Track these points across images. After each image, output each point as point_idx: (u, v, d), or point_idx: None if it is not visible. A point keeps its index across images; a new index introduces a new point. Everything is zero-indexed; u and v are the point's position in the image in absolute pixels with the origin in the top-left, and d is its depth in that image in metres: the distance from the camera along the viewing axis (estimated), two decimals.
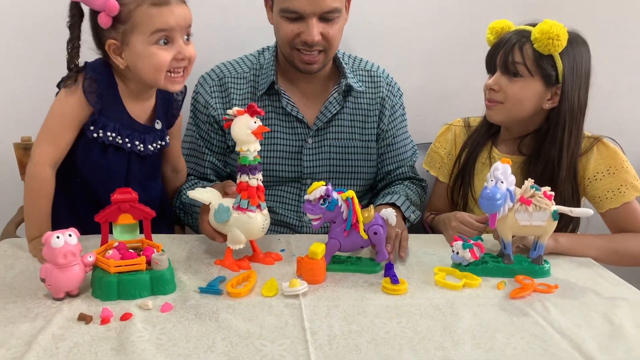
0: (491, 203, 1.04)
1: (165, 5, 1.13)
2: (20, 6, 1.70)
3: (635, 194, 1.31)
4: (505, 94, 1.32)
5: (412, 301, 0.99)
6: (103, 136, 1.19)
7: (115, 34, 1.14)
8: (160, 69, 1.14)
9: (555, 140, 1.32)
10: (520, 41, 1.29)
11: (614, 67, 1.94)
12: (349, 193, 1.07)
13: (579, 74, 1.30)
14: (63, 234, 0.93)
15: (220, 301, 0.97)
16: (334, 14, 1.31)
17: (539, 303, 1.00)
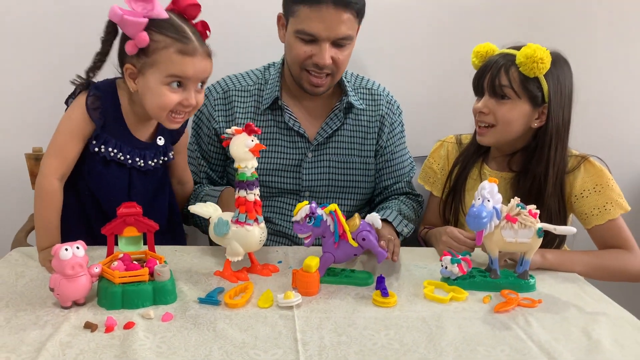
0: (477, 221, 1.09)
1: (190, 56, 1.18)
2: (35, 19, 1.77)
3: (620, 211, 1.35)
4: (494, 116, 1.37)
5: (400, 313, 1.04)
6: (104, 151, 1.25)
7: (136, 62, 1.19)
8: (165, 108, 1.20)
9: (542, 157, 1.37)
10: (506, 65, 1.34)
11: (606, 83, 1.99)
12: (332, 207, 1.13)
13: (563, 93, 1.35)
14: (71, 247, 0.99)
15: (218, 311, 1.02)
16: (345, 41, 1.38)
17: (521, 317, 1.05)
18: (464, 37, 1.93)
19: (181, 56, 1.17)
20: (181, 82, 1.19)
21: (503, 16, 1.93)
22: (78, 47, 1.73)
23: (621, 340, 0.98)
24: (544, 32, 1.94)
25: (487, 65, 1.38)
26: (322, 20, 1.34)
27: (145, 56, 1.18)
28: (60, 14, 1.77)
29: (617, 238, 1.35)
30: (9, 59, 1.79)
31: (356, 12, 1.38)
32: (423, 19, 1.92)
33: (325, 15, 1.33)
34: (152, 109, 1.22)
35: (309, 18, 1.34)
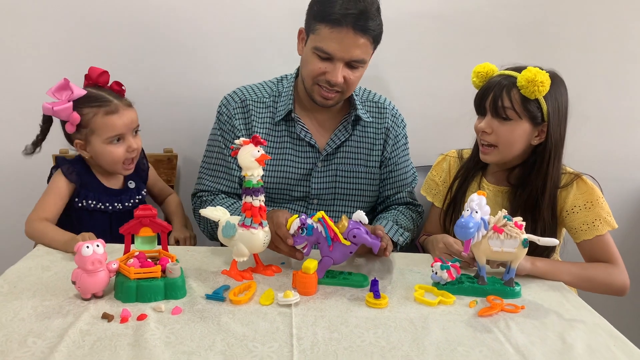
0: (464, 231, 1.17)
1: (116, 114, 1.46)
2: (52, 20, 1.88)
3: (608, 228, 1.42)
4: (497, 136, 1.43)
5: (390, 314, 1.13)
6: (86, 204, 1.52)
7: (80, 136, 1.48)
8: (117, 162, 1.50)
9: (541, 172, 1.44)
10: (508, 87, 1.40)
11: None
12: (319, 214, 1.22)
13: (560, 111, 1.42)
14: (92, 244, 1.10)
15: (223, 307, 1.12)
16: (359, 63, 1.47)
17: (503, 321, 1.12)
18: (467, 53, 2.01)
19: (109, 117, 1.46)
20: (119, 137, 1.48)
21: (505, 33, 2.01)
22: (100, 52, 1.87)
23: (594, 346, 1.05)
24: (544, 49, 2.02)
25: (489, 86, 1.44)
26: (340, 42, 1.42)
27: (84, 128, 1.46)
28: (78, 20, 1.89)
29: (604, 253, 1.42)
30: (38, 64, 1.91)
31: (372, 39, 1.45)
32: (429, 36, 2.00)
33: (344, 37, 1.41)
34: (107, 165, 1.52)
35: (328, 37, 1.42)
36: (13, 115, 1.94)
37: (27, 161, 1.92)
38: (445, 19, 1.99)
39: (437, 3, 1.97)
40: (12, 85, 1.93)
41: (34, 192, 1.88)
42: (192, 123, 1.98)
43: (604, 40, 2.03)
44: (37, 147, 1.53)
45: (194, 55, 1.96)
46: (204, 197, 1.61)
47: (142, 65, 1.91)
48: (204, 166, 1.65)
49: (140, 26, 1.91)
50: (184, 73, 1.96)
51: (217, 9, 1.92)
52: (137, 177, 1.64)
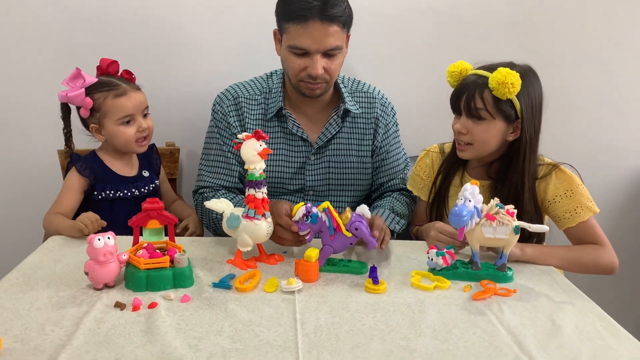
0: (458, 219, 1.22)
1: (125, 95, 1.57)
2: (54, 19, 1.92)
3: (590, 213, 1.47)
4: (472, 136, 1.47)
5: (388, 299, 1.18)
6: (105, 195, 1.62)
7: (94, 119, 1.60)
8: (129, 140, 1.61)
9: (518, 167, 1.47)
10: (480, 88, 1.42)
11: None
12: (324, 204, 1.27)
13: (533, 107, 1.45)
14: (103, 237, 1.15)
15: (230, 294, 1.17)
16: (335, 51, 1.50)
17: (496, 305, 1.18)
18: (457, 42, 2.05)
19: (119, 99, 1.57)
20: (129, 119, 1.59)
21: (495, 23, 2.04)
22: (97, 51, 1.90)
23: (581, 327, 1.11)
24: (537, 40, 2.06)
25: (463, 87, 1.47)
26: (311, 35, 1.45)
27: (97, 112, 1.58)
28: (80, 19, 1.93)
29: (589, 237, 1.47)
30: (41, 62, 1.95)
31: (342, 24, 1.48)
32: (418, 26, 2.04)
33: (313, 30, 1.44)
34: (121, 145, 1.62)
35: (298, 34, 1.46)
36: (19, 113, 1.98)
37: (33, 157, 1.99)
38: (440, 12, 2.02)
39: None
40: (15, 83, 1.97)
41: (41, 187, 1.96)
42: (193, 116, 2.02)
43: (595, 32, 2.07)
44: (70, 141, 1.66)
45: (194, 49, 2.00)
46: (206, 193, 1.65)
47: (143, 61, 1.94)
48: (204, 163, 1.70)
49: (141, 23, 1.95)
50: (185, 67, 2.00)
51: (216, 6, 1.96)
52: (151, 169, 1.74)
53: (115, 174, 1.65)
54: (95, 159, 1.65)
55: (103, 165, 1.65)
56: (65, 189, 1.63)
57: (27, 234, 1.84)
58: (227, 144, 1.65)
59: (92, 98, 1.56)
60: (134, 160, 1.72)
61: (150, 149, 1.75)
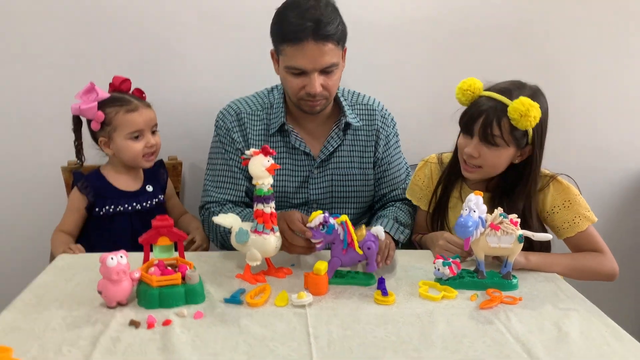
0: (464, 229, 1.25)
1: (136, 111, 1.62)
2: (56, 32, 1.94)
3: (588, 223, 1.50)
4: (483, 160, 1.47)
5: (397, 310, 1.20)
6: (105, 211, 1.64)
7: (104, 133, 1.63)
8: (136, 155, 1.64)
9: (523, 192, 1.49)
10: (499, 116, 1.41)
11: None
12: (343, 217, 1.29)
13: (542, 130, 1.47)
14: (116, 255, 1.16)
15: (242, 310, 1.19)
16: (332, 68, 1.51)
17: (503, 313, 1.20)
18: (456, 53, 2.09)
19: (130, 114, 1.61)
20: (137, 135, 1.62)
21: (494, 34, 2.08)
22: (100, 64, 1.93)
23: (587, 332, 1.13)
24: (532, 47, 2.09)
25: (479, 110, 1.44)
26: (306, 56, 1.46)
27: (108, 125, 1.61)
28: (82, 33, 1.95)
29: (589, 245, 1.50)
30: (45, 77, 1.96)
31: (337, 41, 1.49)
32: (418, 38, 2.07)
33: (308, 50, 1.46)
34: (129, 160, 1.65)
35: (294, 55, 1.48)
36: (26, 128, 2.00)
37: (37, 172, 1.99)
38: (436, 22, 2.06)
39: (428, 7, 2.04)
40: (22, 98, 1.99)
41: (46, 202, 1.97)
42: (195, 130, 2.04)
43: (589, 39, 2.11)
44: (80, 153, 1.71)
45: (194, 63, 2.02)
46: (212, 208, 1.66)
47: (144, 75, 1.95)
48: (209, 178, 1.71)
49: (144, 36, 1.97)
50: (185, 81, 2.02)
51: (217, 21, 1.98)
52: (156, 184, 1.76)
53: (117, 189, 1.68)
54: (97, 177, 1.69)
55: (105, 181, 1.68)
56: (68, 207, 1.68)
57: (33, 250, 1.86)
58: (232, 158, 1.66)
59: (104, 112, 1.60)
60: (139, 175, 1.75)
61: (157, 164, 1.77)
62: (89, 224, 1.69)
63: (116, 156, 1.67)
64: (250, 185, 1.65)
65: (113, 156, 1.67)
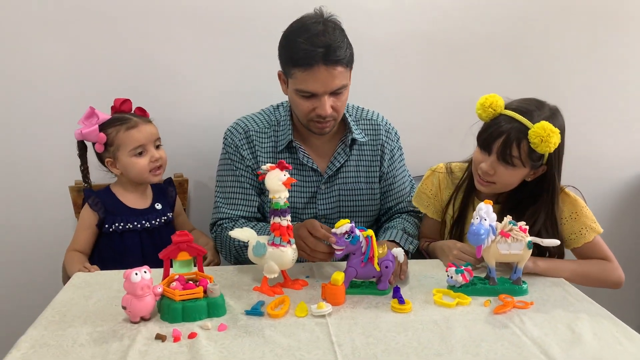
0: (476, 237, 1.29)
1: (135, 128, 1.65)
2: (64, 54, 1.97)
3: (594, 234, 1.54)
4: (498, 177, 1.50)
5: (415, 318, 1.24)
6: (115, 228, 1.66)
7: (108, 154, 1.66)
8: (143, 171, 1.66)
9: (547, 205, 1.52)
10: (519, 138, 1.43)
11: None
12: (369, 232, 1.32)
13: (560, 149, 1.47)
14: (140, 271, 1.18)
15: (263, 321, 1.21)
16: (341, 89, 1.55)
17: (517, 317, 1.24)
18: (452, 67, 2.15)
19: (130, 131, 1.64)
20: (141, 150, 1.65)
21: (488, 48, 2.16)
22: (105, 83, 1.96)
23: (599, 334, 1.18)
24: (526, 61, 2.17)
25: (500, 130, 1.46)
26: (317, 80, 1.49)
27: (111, 146, 1.65)
28: (103, 57, 1.99)
29: (595, 255, 1.55)
30: (53, 101, 1.99)
31: (346, 64, 1.52)
32: (415, 53, 2.14)
33: (318, 74, 1.48)
34: (136, 176, 1.67)
35: (304, 79, 1.50)
36: (33, 150, 2.02)
37: (45, 192, 2.00)
38: (433, 37, 2.13)
39: (425, 24, 2.11)
40: (28, 121, 2.01)
41: (53, 222, 1.97)
42: (201, 148, 2.07)
43: (582, 51, 2.20)
44: (87, 177, 1.73)
45: (198, 81, 2.06)
46: (224, 225, 1.68)
47: (150, 93, 2.00)
48: (220, 195, 1.73)
49: (147, 55, 2.01)
50: (191, 98, 2.06)
51: (219, 40, 2.02)
52: (165, 201, 1.79)
53: (127, 206, 1.70)
54: (108, 193, 1.71)
55: (115, 198, 1.70)
56: (79, 225, 1.70)
57: (43, 269, 1.86)
58: (243, 175, 1.69)
59: (106, 133, 1.64)
60: (148, 193, 1.77)
61: (165, 182, 1.79)
62: (100, 241, 1.70)
63: (124, 175, 1.69)
64: (260, 200, 1.69)
65: (121, 175, 1.70)
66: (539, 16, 2.15)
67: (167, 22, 2.00)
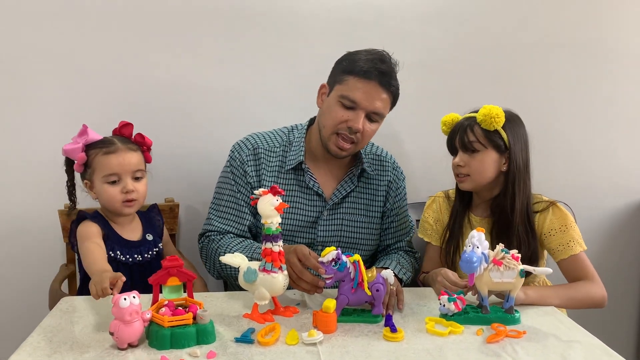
0: (469, 265, 1.29)
1: (114, 154, 1.56)
2: (61, 77, 1.98)
3: (580, 249, 1.59)
4: (469, 168, 1.62)
5: (408, 346, 1.22)
6: (113, 255, 1.57)
7: (87, 175, 1.60)
8: (113, 200, 1.58)
9: (508, 191, 1.62)
10: (470, 125, 1.60)
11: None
12: (356, 257, 1.31)
13: (519, 140, 1.62)
14: (129, 296, 1.16)
15: (254, 349, 1.19)
16: (377, 116, 1.60)
17: (510, 346, 1.23)
18: (446, 96, 2.18)
19: (106, 156, 1.55)
20: (114, 179, 1.57)
21: (479, 77, 2.20)
22: (98, 108, 1.96)
23: None
24: (516, 90, 2.22)
25: (455, 129, 1.65)
26: (366, 92, 1.55)
27: (89, 167, 1.58)
28: (94, 79, 1.99)
29: (581, 270, 1.59)
30: (42, 119, 1.98)
31: (392, 96, 1.60)
32: (410, 82, 2.15)
33: (370, 88, 1.55)
34: (106, 203, 1.59)
35: (355, 87, 1.55)
36: (20, 171, 2.00)
37: (35, 216, 1.98)
38: (425, 65, 2.17)
39: (417, 52, 2.15)
40: (16, 140, 2.00)
41: (42, 247, 1.95)
42: (193, 173, 2.06)
43: (568, 82, 2.26)
44: (73, 195, 1.66)
45: (190, 106, 2.06)
46: (212, 237, 1.67)
47: (143, 117, 1.98)
48: (214, 207, 1.71)
49: (141, 81, 2.02)
50: (184, 124, 2.06)
51: (219, 64, 2.05)
52: (154, 231, 1.72)
53: (119, 236, 1.63)
54: (101, 219, 1.62)
55: (108, 224, 1.63)
56: (87, 240, 1.52)
57: (31, 293, 1.83)
58: (241, 191, 1.67)
59: (87, 154, 1.57)
60: (136, 222, 1.69)
61: (151, 209, 1.75)
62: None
63: (99, 202, 1.62)
64: (255, 220, 1.67)
65: (97, 200, 1.62)
66: (532, 48, 2.21)
67: (165, 46, 2.01)
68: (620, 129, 2.32)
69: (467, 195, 1.71)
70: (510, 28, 2.19)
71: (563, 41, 2.21)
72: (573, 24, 2.21)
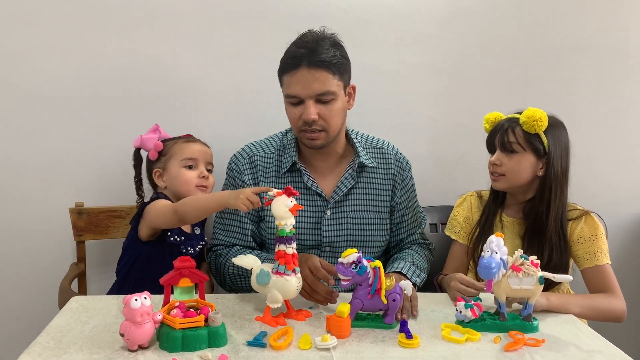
0: (487, 271, 1.26)
1: (193, 142, 1.74)
2: (76, 84, 1.97)
3: (606, 260, 1.57)
4: (505, 167, 1.63)
5: (424, 354, 1.19)
6: (174, 240, 1.64)
7: (159, 164, 1.72)
8: (190, 183, 1.69)
9: (544, 198, 1.61)
10: (512, 125, 1.61)
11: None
12: (377, 263, 1.28)
13: (559, 146, 1.61)
14: (140, 297, 1.14)
15: (266, 353, 1.17)
16: (327, 96, 1.53)
17: (528, 355, 1.20)
18: (462, 99, 2.15)
19: (187, 143, 1.73)
20: (192, 164, 1.70)
21: (493, 79, 2.17)
22: (112, 112, 1.95)
23: None
24: (530, 92, 2.18)
25: (497, 128, 1.65)
26: (299, 82, 1.51)
27: (163, 156, 1.72)
28: (102, 83, 1.98)
29: (603, 280, 1.57)
30: (53, 119, 1.97)
31: (332, 70, 1.51)
32: (420, 83, 2.14)
33: (301, 77, 1.51)
34: (181, 188, 1.69)
35: (290, 83, 1.53)
36: (32, 172, 1.99)
37: (44, 214, 1.97)
38: (437, 68, 2.14)
39: (432, 55, 2.12)
40: (26, 142, 1.99)
41: (53, 245, 1.93)
42: None
43: (589, 87, 2.22)
44: (140, 189, 1.77)
45: (205, 111, 2.06)
46: (219, 251, 1.66)
47: (153, 117, 1.98)
48: (218, 221, 1.71)
49: (152, 80, 2.01)
50: (193, 124, 2.03)
51: (227, 67, 2.04)
52: (201, 225, 1.78)
53: (180, 227, 1.66)
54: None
55: None
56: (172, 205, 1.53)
57: (42, 292, 1.81)
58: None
59: (164, 143, 1.73)
60: None
61: None
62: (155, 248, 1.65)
63: (169, 188, 1.71)
64: (255, 228, 1.66)
65: (165, 189, 1.71)
66: (544, 48, 2.17)
67: (173, 51, 2.00)
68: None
69: (501, 194, 1.72)
70: (530, 32, 2.16)
71: (583, 46, 2.18)
72: (594, 28, 2.18)
